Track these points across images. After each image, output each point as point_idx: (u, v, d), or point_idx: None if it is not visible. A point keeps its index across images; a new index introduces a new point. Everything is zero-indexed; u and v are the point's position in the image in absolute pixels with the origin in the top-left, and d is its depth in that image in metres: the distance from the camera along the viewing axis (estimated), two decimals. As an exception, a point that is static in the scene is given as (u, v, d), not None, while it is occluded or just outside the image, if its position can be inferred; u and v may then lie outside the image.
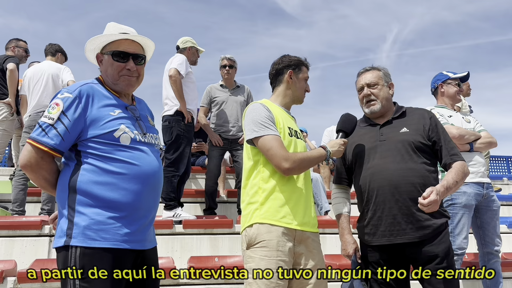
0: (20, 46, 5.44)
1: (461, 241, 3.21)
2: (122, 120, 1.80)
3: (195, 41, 4.88)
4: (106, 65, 1.89)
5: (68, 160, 1.77)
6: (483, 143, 3.38)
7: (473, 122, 3.53)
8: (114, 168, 1.73)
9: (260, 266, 2.01)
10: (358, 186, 2.39)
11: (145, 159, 1.82)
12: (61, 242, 1.67)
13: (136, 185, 1.76)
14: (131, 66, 1.89)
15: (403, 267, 2.28)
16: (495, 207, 3.40)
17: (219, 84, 5.22)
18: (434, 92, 3.66)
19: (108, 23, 1.98)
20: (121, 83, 1.89)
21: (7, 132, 5.29)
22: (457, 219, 3.22)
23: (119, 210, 1.72)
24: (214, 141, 4.97)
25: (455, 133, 3.26)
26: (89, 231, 1.66)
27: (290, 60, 2.37)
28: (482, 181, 3.32)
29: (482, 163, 3.39)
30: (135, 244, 1.75)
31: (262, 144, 2.12)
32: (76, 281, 1.63)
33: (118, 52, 1.88)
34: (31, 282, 3.20)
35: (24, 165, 1.71)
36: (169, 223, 4.28)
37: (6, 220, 4.15)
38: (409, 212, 2.19)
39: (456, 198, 3.24)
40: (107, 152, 1.74)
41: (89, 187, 1.70)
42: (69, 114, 1.72)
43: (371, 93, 2.41)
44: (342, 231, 2.44)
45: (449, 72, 3.61)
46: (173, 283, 3.51)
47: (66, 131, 1.70)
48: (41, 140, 1.69)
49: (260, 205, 2.10)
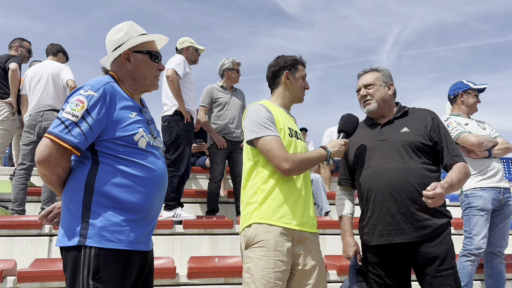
0: (23, 46, 5.45)
1: (479, 241, 3.29)
2: (140, 124, 1.80)
3: (193, 40, 4.88)
4: (140, 64, 1.88)
5: (82, 159, 1.73)
6: (501, 149, 3.46)
7: (488, 128, 3.60)
8: (132, 170, 1.73)
9: (258, 266, 2.01)
10: (358, 186, 2.40)
11: (157, 163, 1.83)
12: (73, 242, 1.65)
13: (150, 189, 1.77)
14: (163, 66, 1.97)
15: (404, 268, 2.28)
16: (508, 212, 3.47)
17: (219, 85, 5.22)
18: (452, 100, 3.74)
19: (128, 21, 1.95)
20: (153, 83, 1.94)
21: (8, 131, 5.30)
22: (474, 220, 3.30)
23: (134, 212, 1.72)
24: (219, 144, 4.94)
25: (474, 141, 3.37)
26: (106, 232, 1.65)
27: (285, 61, 2.37)
28: (499, 186, 3.39)
29: (500, 168, 3.47)
30: (143, 245, 1.77)
31: (262, 145, 2.12)
32: (90, 281, 1.61)
33: (155, 52, 1.92)
34: (31, 282, 3.21)
35: (42, 161, 1.65)
36: (169, 223, 4.28)
37: (6, 220, 4.15)
38: (408, 212, 2.18)
39: (473, 202, 3.34)
40: (125, 154, 1.73)
41: (108, 188, 1.68)
42: (94, 113, 1.68)
43: (367, 93, 2.45)
44: (343, 233, 2.44)
45: (469, 82, 3.68)
46: (173, 283, 3.51)
47: (90, 130, 1.67)
48: (65, 137, 1.64)
49: (258, 205, 2.10)
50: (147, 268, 1.85)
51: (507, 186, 3.46)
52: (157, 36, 1.97)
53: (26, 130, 4.74)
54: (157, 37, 1.97)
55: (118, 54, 1.88)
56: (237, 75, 5.16)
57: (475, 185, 3.37)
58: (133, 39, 1.87)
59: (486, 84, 3.65)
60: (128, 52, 1.88)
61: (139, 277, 1.81)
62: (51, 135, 1.65)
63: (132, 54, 1.88)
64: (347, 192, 2.54)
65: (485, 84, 3.65)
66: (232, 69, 5.13)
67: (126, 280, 1.68)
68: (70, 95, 1.75)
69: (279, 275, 2.01)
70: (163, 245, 4.12)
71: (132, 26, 1.93)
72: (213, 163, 5.04)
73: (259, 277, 2.00)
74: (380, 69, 2.51)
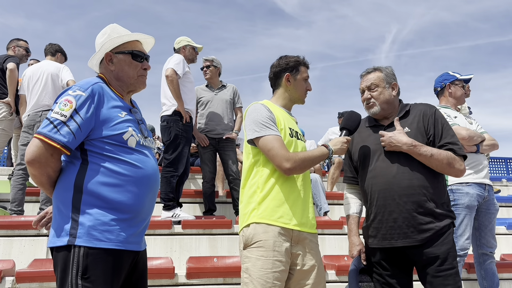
0: (20, 46, 5.45)
1: (464, 241, 3.22)
2: (129, 123, 1.81)
3: (191, 39, 4.89)
4: (122, 64, 1.90)
5: (72, 159, 1.74)
6: (488, 145, 3.41)
7: (474, 124, 3.54)
8: (121, 169, 1.73)
9: (256, 266, 2.01)
10: (362, 188, 2.39)
11: (148, 162, 1.83)
12: (63, 242, 1.65)
13: (141, 188, 1.77)
14: (148, 65, 1.96)
15: (406, 268, 2.28)
16: (494, 210, 3.42)
17: (205, 84, 5.28)
18: (439, 92, 3.61)
19: (111, 24, 1.99)
20: (138, 82, 1.93)
21: (6, 131, 5.29)
22: (459, 220, 3.23)
23: (124, 212, 1.72)
24: (200, 141, 5.01)
25: (464, 134, 3.27)
26: (95, 232, 1.65)
27: (287, 63, 2.34)
28: (484, 182, 3.34)
29: (486, 165, 3.42)
30: (134, 245, 1.76)
31: (263, 144, 2.12)
32: (78, 281, 1.61)
33: (138, 52, 1.93)
34: (29, 282, 3.20)
35: (32, 161, 1.66)
36: (168, 223, 4.28)
37: (4, 220, 4.15)
38: (410, 216, 2.17)
39: (459, 198, 3.26)
40: (114, 153, 1.74)
41: (96, 187, 1.69)
42: (82, 112, 1.70)
43: (371, 96, 2.40)
44: (349, 233, 2.44)
45: (455, 73, 3.58)
46: (172, 283, 3.51)
47: (78, 129, 1.69)
48: (53, 136, 1.66)
49: (257, 205, 2.10)
50: (139, 268, 1.84)
51: (490, 183, 3.42)
52: (138, 36, 1.97)
53: (24, 130, 4.73)
54: (138, 36, 1.97)
55: (100, 56, 1.92)
56: (203, 71, 5.18)
57: (461, 180, 3.27)
58: (111, 40, 1.89)
59: (472, 74, 3.56)
60: (110, 54, 1.90)
61: (131, 277, 1.80)
62: (40, 135, 1.67)
63: (114, 55, 1.90)
64: (355, 190, 2.52)
65: (471, 74, 3.57)
66: (200, 68, 5.21)
67: (115, 280, 1.68)
68: (59, 96, 1.77)
69: (277, 275, 2.00)
70: (161, 245, 4.12)
71: (115, 28, 1.96)
72: (202, 162, 5.13)
73: (257, 277, 1.99)
74: (383, 69, 2.45)
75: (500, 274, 3.61)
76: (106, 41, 1.89)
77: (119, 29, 1.97)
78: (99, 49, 1.90)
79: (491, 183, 3.43)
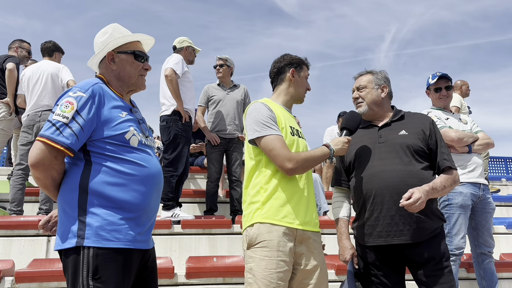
0: (23, 47, 5.45)
1: (459, 241, 3.24)
2: (130, 122, 1.82)
3: (191, 40, 4.89)
4: (124, 64, 1.90)
5: (75, 160, 1.74)
6: (481, 145, 3.41)
7: (469, 123, 3.55)
8: (125, 169, 1.73)
9: (260, 266, 2.01)
10: (355, 187, 2.39)
11: (151, 161, 1.84)
12: (71, 244, 1.64)
13: (145, 187, 1.77)
14: (149, 66, 1.97)
15: (399, 268, 2.31)
16: (491, 209, 3.44)
17: (216, 83, 5.25)
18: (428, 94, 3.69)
19: (112, 24, 1.99)
20: (139, 82, 1.95)
21: (5, 131, 5.29)
22: (454, 219, 3.25)
23: (130, 211, 1.72)
24: (211, 140, 4.96)
25: (453, 137, 3.31)
26: (103, 232, 1.65)
27: (292, 59, 2.38)
28: (478, 181, 3.35)
29: (480, 164, 3.41)
30: (142, 244, 1.77)
31: (265, 144, 2.11)
32: (90, 282, 1.61)
33: (140, 52, 1.94)
34: (29, 282, 3.20)
35: (36, 164, 1.65)
36: (167, 223, 4.28)
37: (4, 220, 4.14)
38: (407, 214, 2.18)
39: (452, 198, 3.28)
40: (117, 153, 1.74)
41: (102, 187, 1.69)
42: (84, 113, 1.70)
43: (358, 95, 2.50)
44: (340, 236, 2.43)
45: (431, 76, 3.57)
46: (172, 283, 3.51)
47: (81, 130, 1.68)
48: (56, 139, 1.65)
49: (261, 205, 2.09)
50: (149, 265, 1.85)
51: (486, 182, 3.42)
52: (140, 36, 1.98)
53: (24, 130, 4.73)
54: (140, 37, 1.98)
55: (103, 55, 1.91)
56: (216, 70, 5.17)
57: None
58: (115, 40, 1.90)
59: (436, 77, 3.50)
60: (112, 53, 1.90)
61: (141, 275, 1.81)
62: (43, 138, 1.66)
63: (117, 55, 1.91)
64: (344, 194, 2.53)
65: (436, 77, 3.50)
66: (214, 66, 5.19)
67: (126, 279, 1.68)
68: (60, 98, 1.76)
69: (281, 276, 2.00)
70: (161, 245, 4.11)
71: (117, 28, 1.97)
72: (209, 162, 5.08)
73: (262, 278, 1.99)
74: (375, 72, 2.54)
75: (499, 273, 3.62)
76: (110, 41, 1.89)
77: (121, 29, 1.97)
78: (101, 48, 1.90)
79: (486, 183, 3.44)
